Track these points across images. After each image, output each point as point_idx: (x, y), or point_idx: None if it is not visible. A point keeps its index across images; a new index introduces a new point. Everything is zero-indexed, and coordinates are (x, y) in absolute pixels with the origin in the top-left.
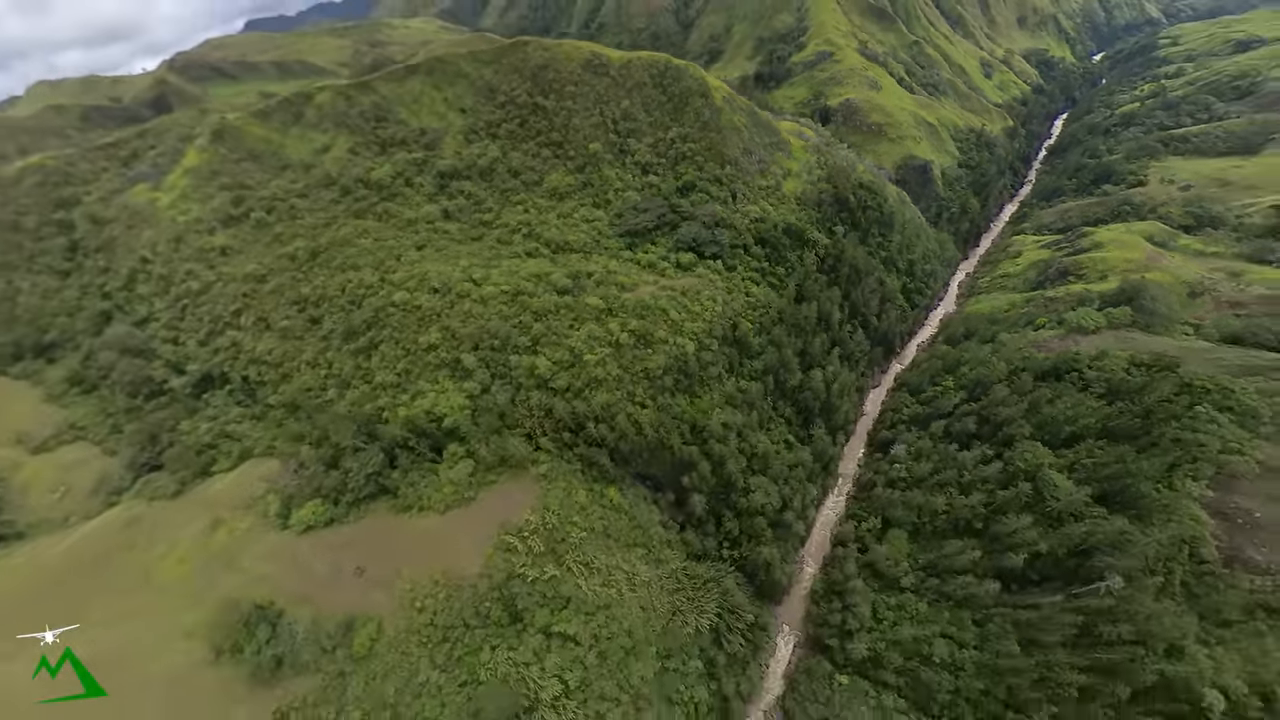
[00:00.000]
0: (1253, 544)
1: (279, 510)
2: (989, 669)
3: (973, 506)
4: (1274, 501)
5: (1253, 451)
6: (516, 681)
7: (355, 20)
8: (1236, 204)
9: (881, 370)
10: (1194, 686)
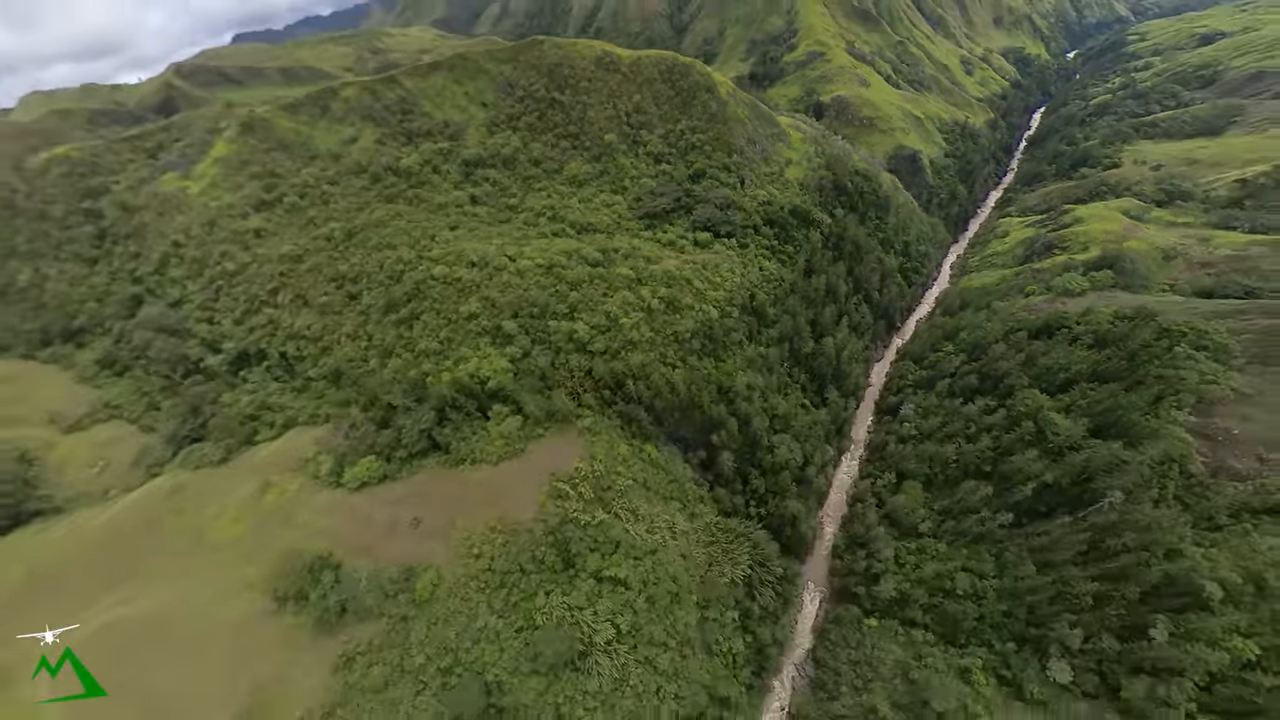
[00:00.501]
0: (1233, 456)
1: (331, 469)
2: (1009, 593)
3: (980, 451)
4: (1248, 420)
5: (1227, 381)
6: (571, 626)
7: (347, 32)
8: (1204, 180)
9: (884, 344)
10: (1194, 581)
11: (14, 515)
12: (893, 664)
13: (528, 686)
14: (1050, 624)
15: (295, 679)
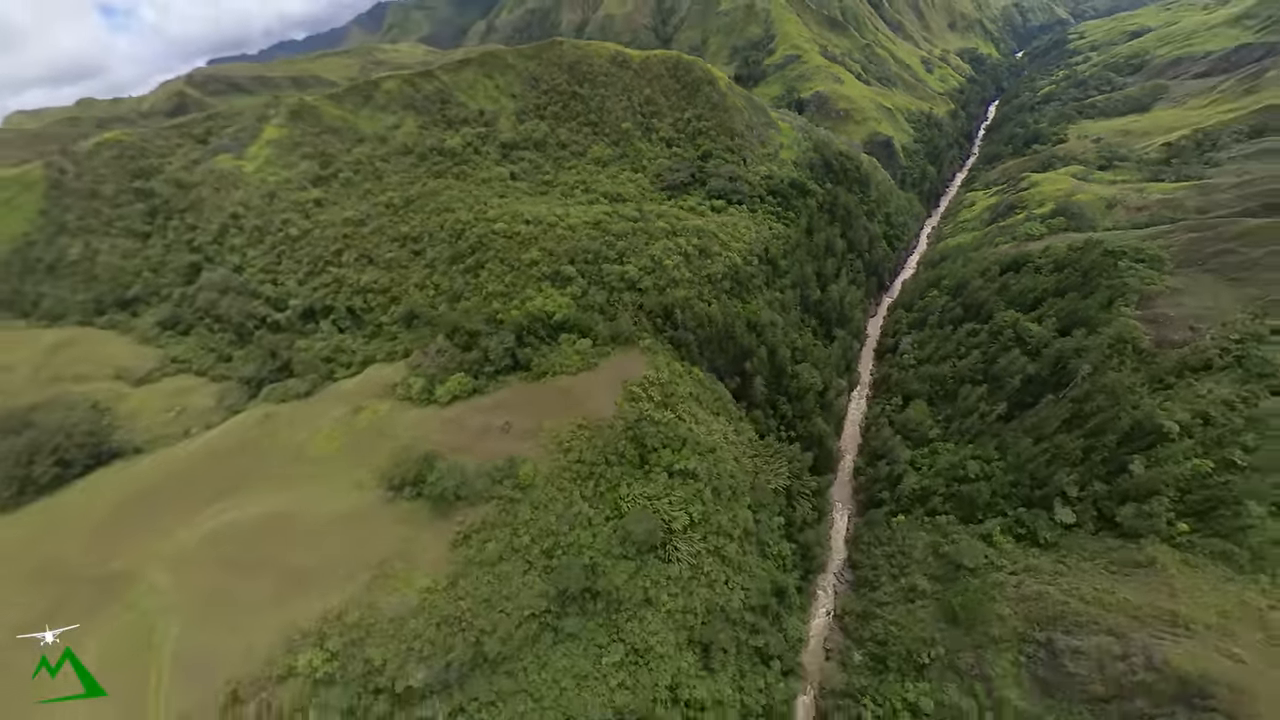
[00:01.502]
0: (1172, 331)
1: (423, 389)
2: (1013, 468)
3: (972, 364)
4: (1180, 305)
5: (1162, 281)
6: (652, 514)
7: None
8: (1136, 147)
9: (877, 302)
10: (1156, 422)
11: (94, 456)
12: (923, 547)
13: (619, 569)
14: (1050, 481)
15: (417, 554)
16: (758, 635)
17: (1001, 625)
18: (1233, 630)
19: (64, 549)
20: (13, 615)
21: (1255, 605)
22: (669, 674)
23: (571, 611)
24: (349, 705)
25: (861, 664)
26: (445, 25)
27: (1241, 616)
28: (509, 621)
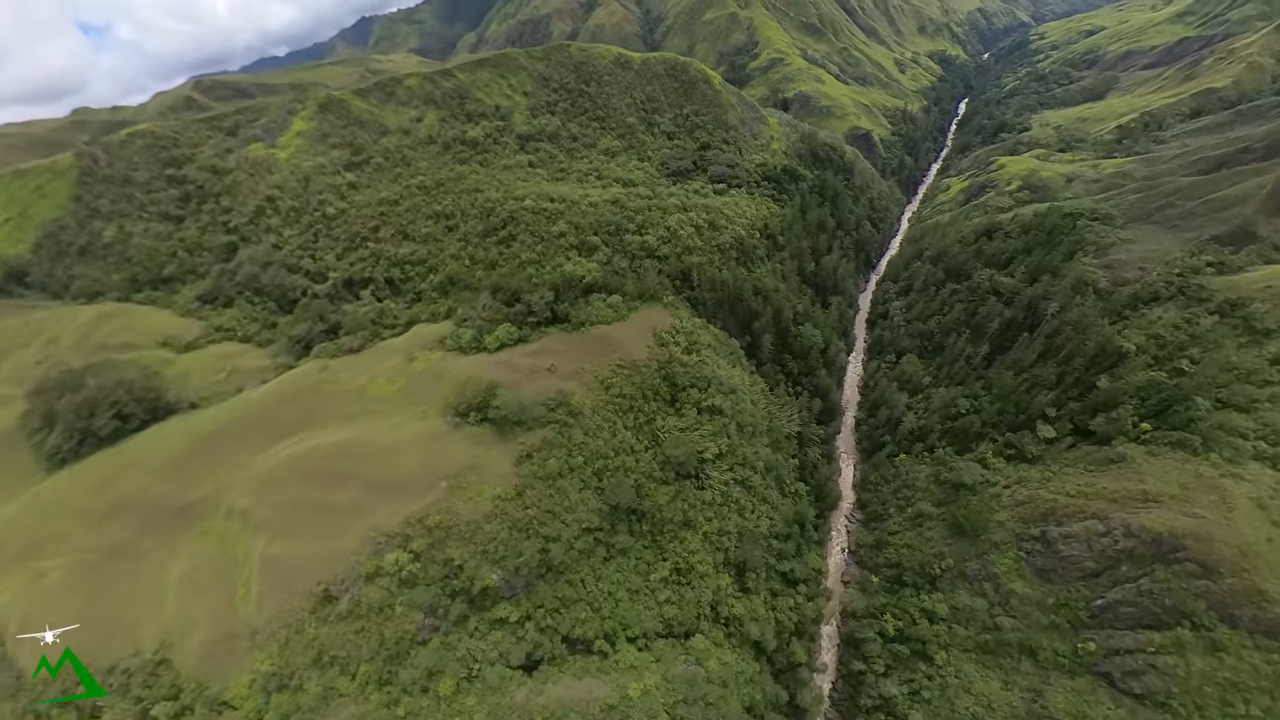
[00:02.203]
0: (1123, 271)
1: (471, 339)
2: (998, 399)
3: (956, 317)
4: (1130, 251)
5: (1114, 234)
6: (687, 443)
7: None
8: (1092, 131)
9: (865, 278)
10: (1116, 345)
11: (151, 410)
12: (925, 478)
13: (661, 492)
14: (1032, 406)
15: (486, 468)
16: (784, 561)
17: (1001, 530)
18: (1192, 497)
19: (140, 485)
20: (99, 541)
21: (1209, 477)
22: (710, 591)
23: (621, 529)
24: (431, 604)
25: (879, 586)
26: (433, 38)
27: (1198, 486)
28: (569, 532)
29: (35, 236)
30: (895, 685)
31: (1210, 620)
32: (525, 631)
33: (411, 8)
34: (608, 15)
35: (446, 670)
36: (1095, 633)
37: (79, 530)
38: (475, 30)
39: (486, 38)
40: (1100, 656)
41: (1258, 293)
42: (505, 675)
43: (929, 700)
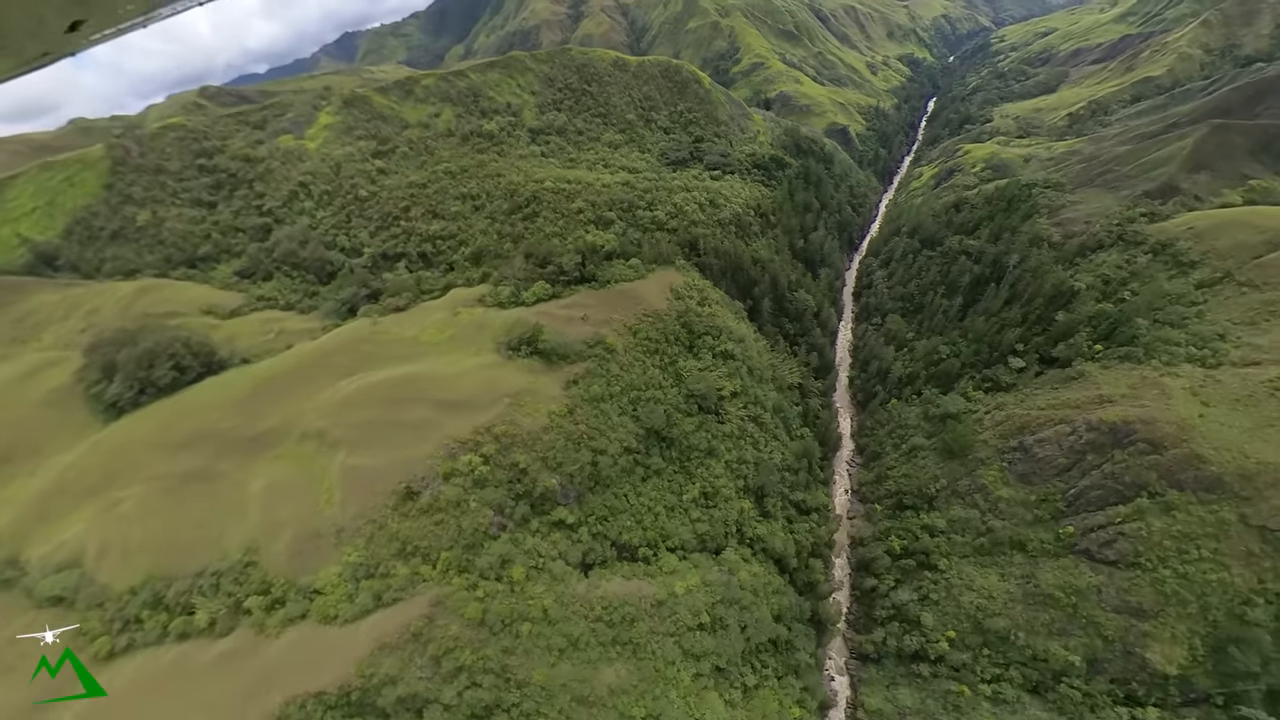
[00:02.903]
0: (1073, 227)
1: (510, 295)
2: (973, 341)
3: (932, 278)
4: (1077, 211)
5: (1064, 197)
6: (707, 381)
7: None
8: (1046, 119)
9: (849, 257)
10: (1069, 285)
11: (207, 364)
12: (915, 417)
13: (687, 422)
14: (1002, 343)
15: (539, 391)
16: (796, 491)
17: (985, 448)
18: (1139, 394)
19: (209, 420)
20: (173, 469)
21: (1151, 378)
22: (735, 513)
23: (654, 453)
24: (499, 503)
25: (882, 514)
26: (421, 51)
27: (1143, 385)
28: (613, 448)
29: (65, 223)
30: (906, 594)
31: (1162, 487)
32: (580, 536)
33: (398, 21)
34: (595, 26)
35: (516, 560)
36: (1072, 518)
37: (152, 462)
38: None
39: (475, 49)
40: (1078, 537)
41: (1182, 234)
42: (566, 571)
43: (937, 601)
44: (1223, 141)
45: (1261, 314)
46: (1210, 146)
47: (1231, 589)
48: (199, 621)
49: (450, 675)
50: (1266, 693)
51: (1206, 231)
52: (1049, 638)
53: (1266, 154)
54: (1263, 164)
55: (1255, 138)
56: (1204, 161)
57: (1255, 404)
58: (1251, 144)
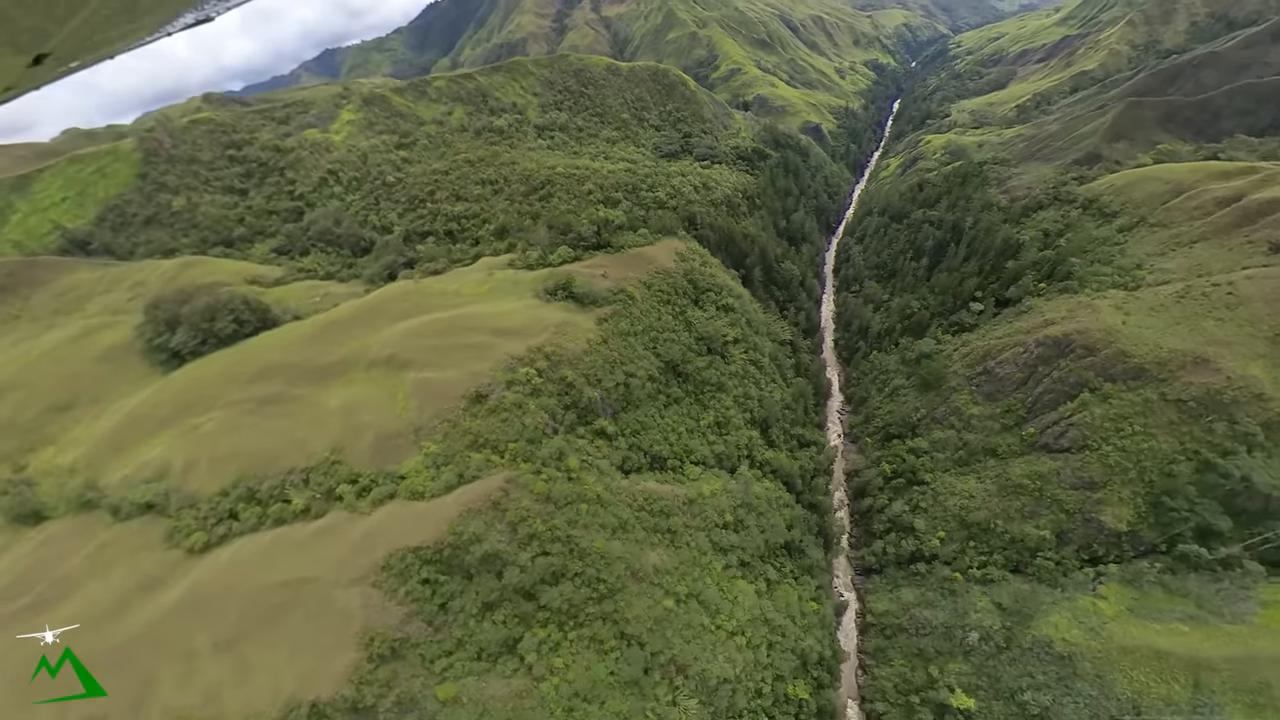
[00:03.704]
0: (1018, 193)
1: (538, 257)
2: (939, 294)
3: (901, 246)
4: (1020, 179)
5: (1010, 170)
6: (713, 327)
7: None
8: (998, 111)
9: (827, 239)
10: (1016, 239)
11: (263, 320)
12: (895, 363)
13: (699, 361)
14: (963, 293)
15: (577, 324)
16: (796, 426)
17: (955, 377)
18: (1076, 315)
19: (279, 356)
20: (249, 394)
21: (1085, 301)
22: (744, 440)
23: (673, 384)
24: (552, 409)
25: (873, 446)
26: (405, 65)
27: (1079, 308)
28: (641, 374)
29: (97, 211)
30: (899, 506)
31: (1098, 382)
32: (618, 445)
33: (382, 37)
34: (580, 38)
35: (570, 455)
36: (1031, 421)
37: (227, 392)
38: (448, 56)
39: (461, 62)
40: (1038, 435)
41: (1105, 191)
42: (610, 469)
43: (926, 509)
44: (1136, 115)
45: (1169, 246)
46: (1126, 120)
47: (1160, 454)
48: (294, 507)
49: (525, 541)
50: (1196, 531)
51: (1124, 187)
52: (1022, 521)
53: (1171, 123)
54: (1169, 132)
55: (1163, 111)
56: (1121, 132)
57: (1165, 310)
58: (1159, 116)
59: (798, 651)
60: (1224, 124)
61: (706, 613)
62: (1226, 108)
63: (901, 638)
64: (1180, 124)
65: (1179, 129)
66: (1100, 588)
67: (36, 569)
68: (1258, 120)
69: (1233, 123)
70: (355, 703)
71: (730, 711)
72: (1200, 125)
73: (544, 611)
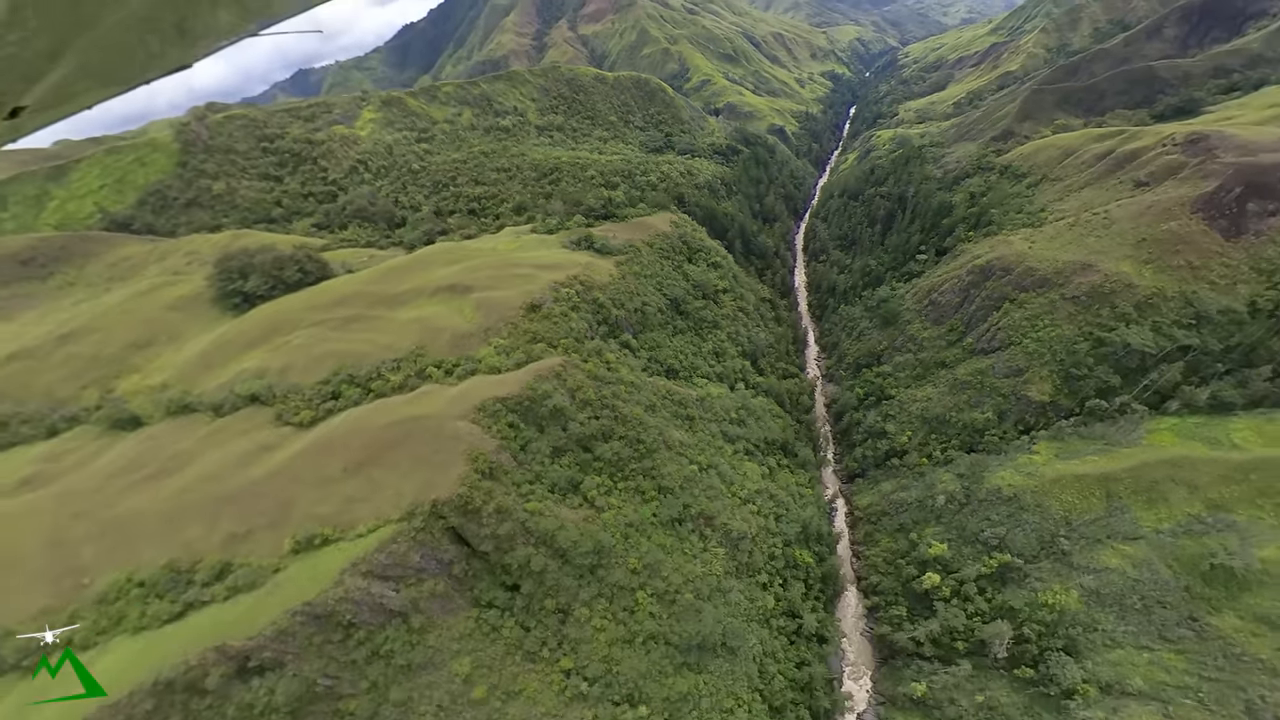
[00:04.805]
0: (949, 166)
1: (556, 224)
2: (891, 252)
3: (859, 219)
4: (951, 154)
5: (944, 149)
6: (706, 276)
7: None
8: (938, 109)
9: (795, 224)
10: (949, 202)
11: (322, 272)
12: (859, 311)
13: (697, 303)
14: (909, 247)
15: (600, 265)
16: (780, 361)
17: (908, 312)
18: (996, 248)
19: (352, 289)
20: (330, 316)
21: (1003, 239)
22: (738, 367)
23: (677, 318)
24: (587, 322)
25: (846, 377)
26: (386, 83)
27: (999, 244)
28: (653, 305)
29: (137, 195)
30: (873, 417)
31: (1015, 293)
32: (640, 355)
33: (361, 56)
34: (560, 54)
35: (607, 353)
36: (969, 334)
37: (309, 317)
38: (429, 73)
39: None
40: (975, 343)
41: (1016, 159)
42: (637, 369)
43: (894, 416)
44: (1039, 100)
45: (1063, 193)
46: (1032, 104)
47: (1065, 338)
48: (392, 383)
49: (581, 405)
50: (1097, 390)
51: (1030, 154)
52: (970, 410)
53: (1067, 104)
54: (1065, 111)
55: (1060, 95)
56: (1028, 114)
57: (1060, 236)
58: (1057, 99)
59: (800, 521)
60: (1107, 102)
61: (723, 482)
62: (1109, 90)
63: (885, 520)
64: (1074, 104)
65: (1073, 108)
66: (1033, 447)
67: (151, 452)
68: (1132, 98)
69: (1114, 101)
70: (466, 503)
71: (750, 566)
72: (1089, 104)
73: (598, 462)
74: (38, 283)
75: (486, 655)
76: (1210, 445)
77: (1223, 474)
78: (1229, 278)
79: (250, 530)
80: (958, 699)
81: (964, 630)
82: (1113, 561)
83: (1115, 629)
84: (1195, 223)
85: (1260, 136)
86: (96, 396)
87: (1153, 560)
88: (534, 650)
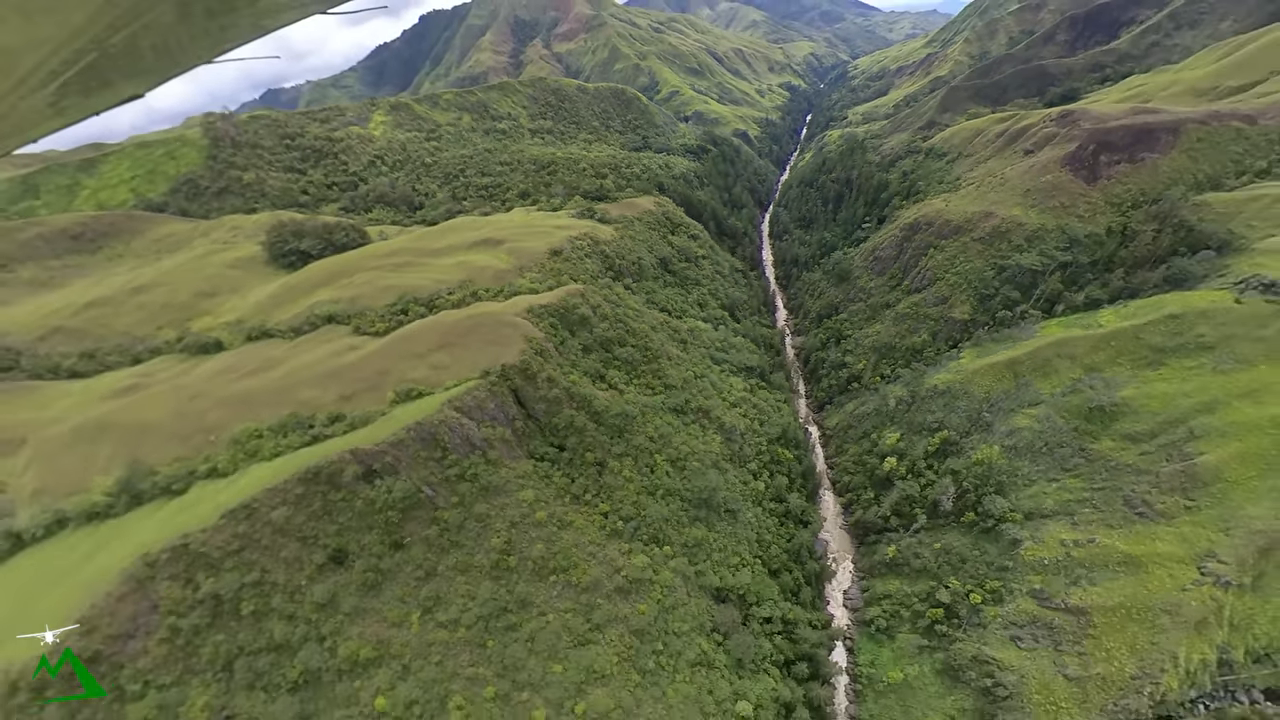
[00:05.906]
0: (886, 152)
1: (559, 205)
2: (842, 225)
3: (814, 201)
4: (887, 144)
5: (882, 139)
6: (688, 245)
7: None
8: (880, 110)
9: (760, 215)
10: (886, 179)
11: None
12: (818, 276)
13: (682, 265)
14: (856, 220)
15: (602, 231)
16: (754, 315)
17: (858, 269)
18: (923, 209)
19: (398, 245)
20: (386, 263)
21: (928, 203)
22: (720, 315)
23: (665, 273)
24: (598, 267)
25: (810, 328)
26: (377, 92)
27: (925, 206)
28: (647, 261)
29: (169, 184)
30: (834, 353)
31: (937, 240)
32: (639, 296)
33: (338, 74)
34: (536, 70)
35: (617, 287)
36: (905, 279)
37: (366, 264)
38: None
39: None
40: (910, 285)
41: (938, 143)
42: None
43: (851, 350)
44: (955, 96)
45: (973, 165)
46: (950, 100)
47: (976, 270)
48: (452, 300)
49: (600, 318)
50: (1003, 304)
51: (950, 137)
52: (910, 336)
53: (978, 97)
54: (976, 102)
55: (972, 91)
56: (948, 106)
57: (969, 195)
58: (971, 93)
59: (780, 425)
60: (1009, 95)
61: (714, 389)
62: (1010, 85)
63: (851, 432)
64: (983, 97)
65: (982, 100)
66: (960, 354)
67: (244, 360)
68: (1028, 90)
69: (1014, 93)
70: (526, 368)
71: (742, 456)
72: (995, 96)
73: (617, 361)
74: (87, 255)
75: (543, 494)
76: (1084, 329)
77: (1093, 345)
78: (1091, 211)
79: (355, 392)
80: (921, 552)
81: (920, 497)
82: (1023, 422)
83: (1030, 470)
84: (1065, 174)
85: (1111, 110)
86: (173, 335)
87: (1051, 415)
88: (579, 494)
